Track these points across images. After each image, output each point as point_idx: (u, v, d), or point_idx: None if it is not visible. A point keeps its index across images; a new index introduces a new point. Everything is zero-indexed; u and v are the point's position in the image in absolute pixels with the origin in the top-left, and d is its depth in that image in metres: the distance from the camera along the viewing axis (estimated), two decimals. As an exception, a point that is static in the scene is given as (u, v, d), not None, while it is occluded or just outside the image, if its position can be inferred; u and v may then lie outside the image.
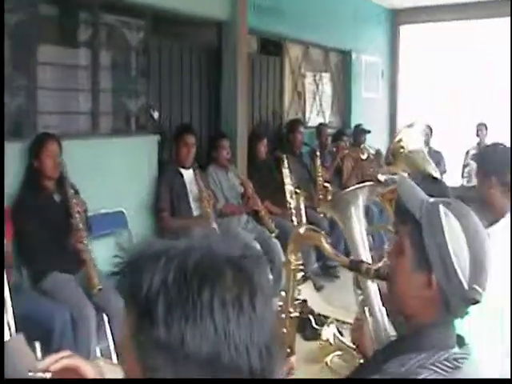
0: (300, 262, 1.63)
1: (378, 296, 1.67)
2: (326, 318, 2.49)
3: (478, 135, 8.09)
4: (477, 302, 1.14)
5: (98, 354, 3.07)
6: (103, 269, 3.18)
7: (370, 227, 3.53)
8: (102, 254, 3.34)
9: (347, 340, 2.20)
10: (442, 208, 1.17)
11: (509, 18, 8.53)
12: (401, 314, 1.24)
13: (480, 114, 9.28)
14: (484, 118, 8.58)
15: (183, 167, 4.37)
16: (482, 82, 11.14)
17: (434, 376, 1.09)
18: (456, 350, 1.14)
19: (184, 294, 0.65)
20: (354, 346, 1.84)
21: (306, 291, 2.95)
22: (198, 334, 0.64)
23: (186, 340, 0.64)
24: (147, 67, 4.54)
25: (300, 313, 1.71)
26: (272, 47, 6.29)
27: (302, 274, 1.65)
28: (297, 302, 1.63)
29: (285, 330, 1.61)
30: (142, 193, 4.31)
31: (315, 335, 2.39)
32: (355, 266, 1.44)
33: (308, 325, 2.52)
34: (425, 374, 1.09)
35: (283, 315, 1.62)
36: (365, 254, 1.87)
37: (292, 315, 1.62)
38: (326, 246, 1.54)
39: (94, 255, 3.28)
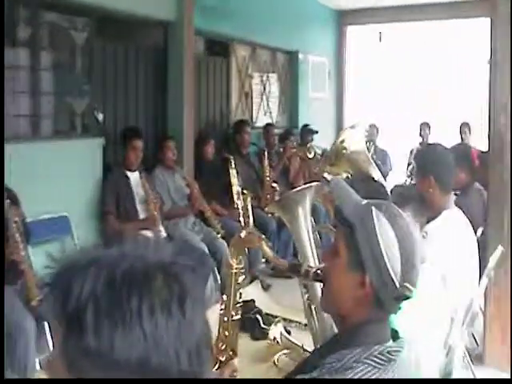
0: (241, 266, 1.64)
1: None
2: (274, 317, 2.50)
3: (421, 135, 8.30)
4: (408, 297, 1.19)
5: (38, 365, 2.96)
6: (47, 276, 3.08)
7: (316, 226, 3.58)
8: (45, 260, 3.25)
9: (294, 338, 2.23)
10: (374, 210, 1.21)
11: (450, 21, 8.81)
12: (336, 312, 1.28)
13: (425, 114, 9.54)
14: (429, 117, 8.83)
15: (129, 170, 4.33)
16: (428, 81, 11.47)
17: (369, 369, 1.14)
18: (390, 343, 1.20)
19: (113, 302, 0.66)
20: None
21: (253, 291, 2.97)
22: (128, 340, 0.65)
23: (115, 347, 0.65)
24: (92, 68, 4.46)
25: (242, 314, 1.71)
26: (219, 48, 6.29)
27: (244, 277, 1.66)
28: (238, 305, 1.64)
29: (227, 333, 1.61)
30: (86, 197, 4.24)
31: (263, 335, 2.40)
32: (294, 269, 1.46)
33: (256, 325, 2.52)
34: (360, 368, 1.14)
35: (225, 318, 1.63)
36: (311, 254, 1.90)
37: (234, 318, 1.63)
38: (267, 250, 1.56)
39: (37, 262, 3.19)
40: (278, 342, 2.24)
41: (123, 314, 0.65)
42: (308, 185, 2.04)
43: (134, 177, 4.32)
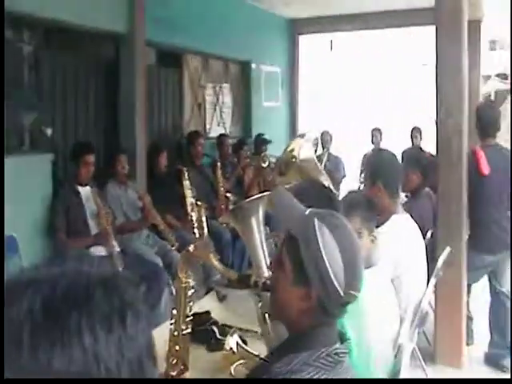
0: (190, 280, 1.63)
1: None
2: (230, 327, 2.49)
3: (373, 141, 8.42)
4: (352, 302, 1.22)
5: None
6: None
7: (270, 234, 3.59)
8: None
9: (251, 348, 2.23)
10: (316, 222, 1.22)
11: (401, 29, 9.01)
12: (284, 320, 1.30)
13: (377, 119, 9.73)
14: (380, 123, 9.00)
15: (80, 185, 4.25)
16: (379, 87, 11.71)
17: (316, 371, 1.16)
18: (337, 345, 1.22)
19: (52, 320, 0.65)
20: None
21: (209, 302, 2.95)
22: (67, 357, 0.64)
23: (54, 363, 0.64)
24: (40, 81, 4.36)
25: (198, 326, 1.70)
26: (171, 59, 6.26)
27: (193, 291, 1.65)
28: (189, 319, 1.63)
29: (177, 348, 1.60)
30: (35, 214, 4.11)
31: (219, 346, 2.39)
32: (243, 281, 1.47)
33: (212, 336, 2.51)
34: (309, 370, 1.16)
35: (175, 332, 1.61)
36: (265, 263, 1.91)
37: (184, 332, 1.62)
38: (215, 263, 1.56)
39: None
40: (233, 352, 2.24)
41: (62, 331, 0.64)
42: (260, 194, 2.05)
43: (85, 192, 4.22)
